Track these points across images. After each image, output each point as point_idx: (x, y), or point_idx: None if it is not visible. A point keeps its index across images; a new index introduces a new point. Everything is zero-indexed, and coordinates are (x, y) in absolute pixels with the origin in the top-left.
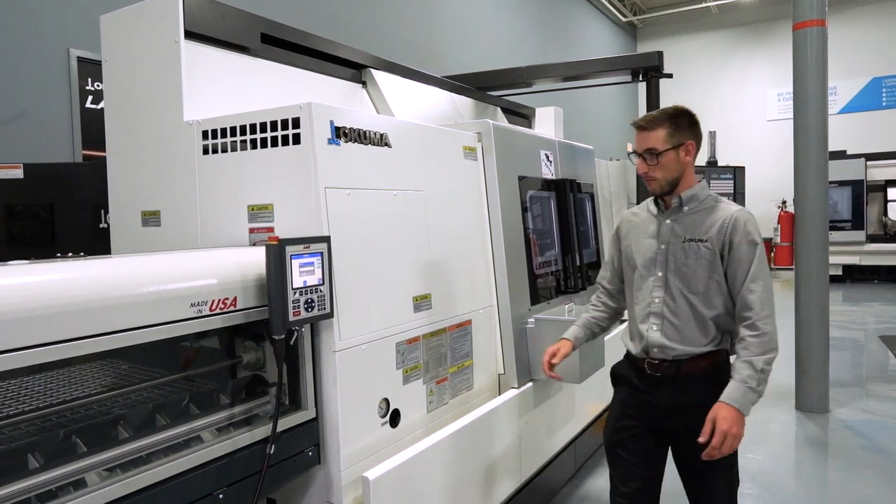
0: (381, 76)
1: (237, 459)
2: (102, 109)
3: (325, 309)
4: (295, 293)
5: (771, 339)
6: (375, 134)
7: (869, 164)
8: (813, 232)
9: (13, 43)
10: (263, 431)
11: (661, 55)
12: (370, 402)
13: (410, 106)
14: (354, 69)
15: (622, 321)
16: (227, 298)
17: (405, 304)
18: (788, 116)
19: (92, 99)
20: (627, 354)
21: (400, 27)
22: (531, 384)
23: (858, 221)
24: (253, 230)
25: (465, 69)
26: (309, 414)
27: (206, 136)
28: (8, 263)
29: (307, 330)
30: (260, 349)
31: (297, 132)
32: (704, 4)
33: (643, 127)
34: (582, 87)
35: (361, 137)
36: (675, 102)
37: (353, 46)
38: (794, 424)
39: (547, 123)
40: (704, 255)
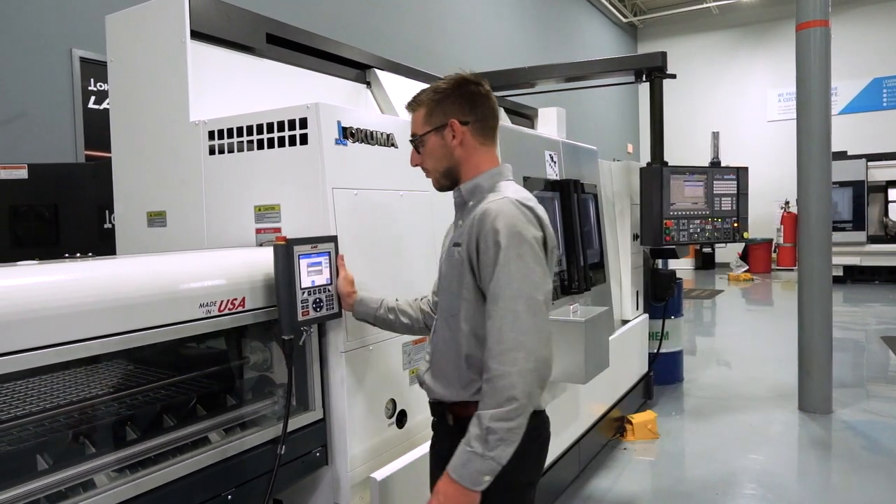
0: (385, 76)
1: (246, 460)
2: (105, 110)
3: (332, 309)
4: (303, 293)
5: (508, 384)
6: (382, 134)
7: (870, 164)
8: (816, 233)
9: (16, 43)
10: (272, 432)
11: (664, 55)
12: (377, 402)
13: None
14: (358, 69)
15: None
16: (235, 299)
17: None
18: (789, 117)
19: (94, 99)
20: None
21: (400, 28)
22: None
23: (859, 222)
24: (260, 230)
25: (465, 69)
26: (316, 414)
27: (212, 136)
28: (17, 264)
29: (314, 330)
30: (267, 350)
31: (304, 132)
32: (705, 5)
33: (408, 109)
34: (585, 87)
35: (368, 138)
36: (675, 103)
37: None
38: (797, 425)
39: (550, 124)
40: (456, 263)
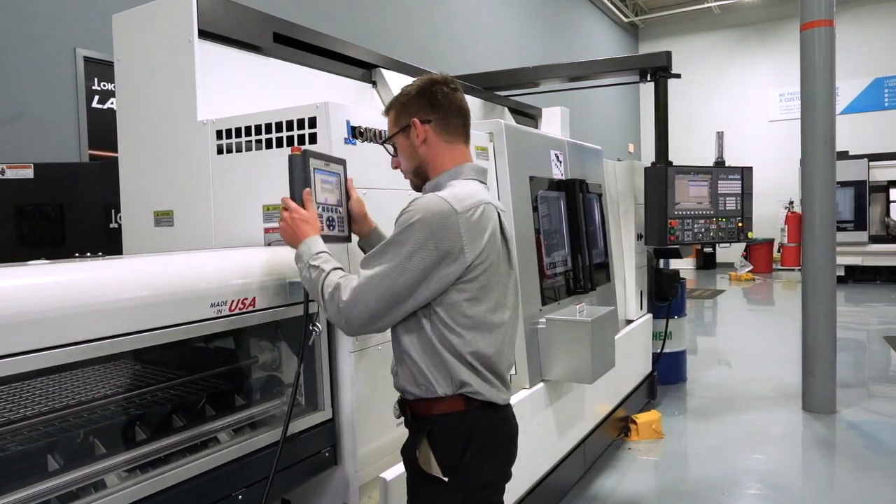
0: (391, 76)
1: (256, 460)
2: (108, 109)
3: (344, 231)
4: (318, 208)
5: (334, 305)
6: None
7: (871, 164)
8: (820, 233)
9: (20, 42)
10: (282, 432)
11: (669, 55)
12: (385, 402)
13: None
14: (364, 69)
15: None
16: (245, 299)
17: None
18: (790, 117)
19: (98, 99)
20: None
21: (402, 27)
22: (542, 385)
23: (861, 222)
24: (268, 230)
25: (466, 69)
26: (325, 415)
27: (220, 135)
28: (29, 263)
29: (324, 329)
30: (276, 349)
31: (313, 132)
32: (706, 5)
33: (383, 114)
34: (589, 87)
35: (377, 137)
36: (676, 103)
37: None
38: (800, 425)
39: (553, 123)
40: None
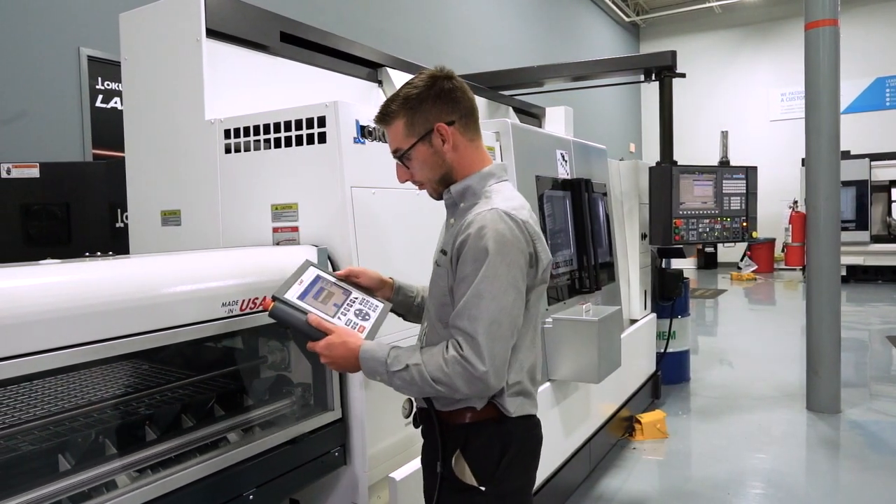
0: (396, 75)
1: (266, 460)
2: (112, 109)
3: (376, 309)
4: (337, 318)
5: (447, 379)
6: None
7: (873, 164)
8: (825, 232)
9: (23, 42)
10: (292, 432)
11: (674, 54)
12: (394, 402)
13: None
14: (371, 68)
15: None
16: (256, 298)
17: None
18: (791, 116)
19: (102, 98)
20: None
21: (403, 27)
22: (549, 384)
23: (862, 222)
24: (277, 229)
25: (468, 69)
26: (335, 414)
27: (228, 134)
28: (40, 263)
29: None
30: (285, 349)
31: (322, 131)
32: (707, 4)
33: (380, 121)
34: (593, 86)
35: (385, 136)
36: (677, 102)
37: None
38: (805, 425)
39: (557, 123)
40: (442, 271)
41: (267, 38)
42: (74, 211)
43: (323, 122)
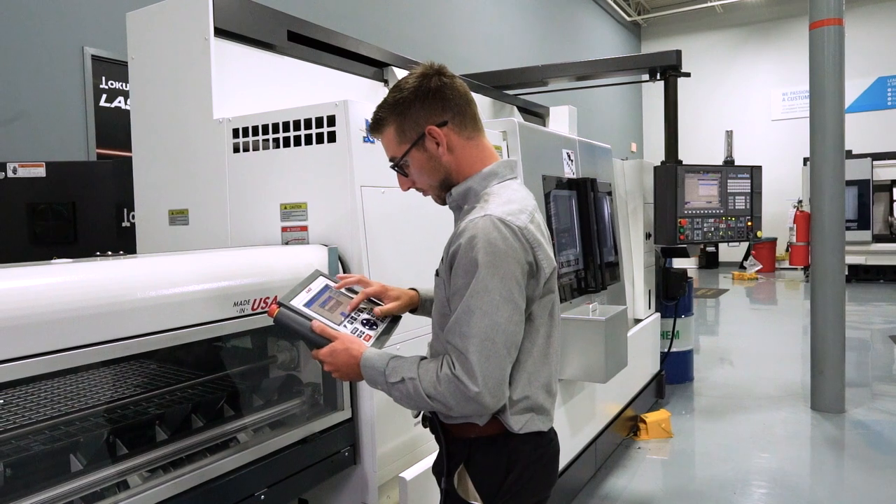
0: (402, 74)
1: (277, 460)
2: (116, 108)
3: (385, 320)
4: (343, 326)
5: (442, 397)
6: None
7: (875, 163)
8: (829, 232)
9: (27, 41)
10: (302, 432)
11: (679, 54)
12: None
13: None
14: (377, 67)
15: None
16: (267, 297)
17: None
18: (793, 116)
19: (106, 97)
20: None
21: (406, 27)
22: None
23: (864, 221)
24: (286, 229)
25: (470, 68)
26: (345, 414)
27: (236, 133)
28: (50, 263)
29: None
30: (294, 349)
31: (332, 130)
32: (709, 4)
33: (373, 130)
34: (597, 86)
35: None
36: (678, 102)
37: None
38: (809, 424)
39: (561, 122)
40: (440, 282)
41: (274, 37)
42: (80, 210)
43: (332, 121)
